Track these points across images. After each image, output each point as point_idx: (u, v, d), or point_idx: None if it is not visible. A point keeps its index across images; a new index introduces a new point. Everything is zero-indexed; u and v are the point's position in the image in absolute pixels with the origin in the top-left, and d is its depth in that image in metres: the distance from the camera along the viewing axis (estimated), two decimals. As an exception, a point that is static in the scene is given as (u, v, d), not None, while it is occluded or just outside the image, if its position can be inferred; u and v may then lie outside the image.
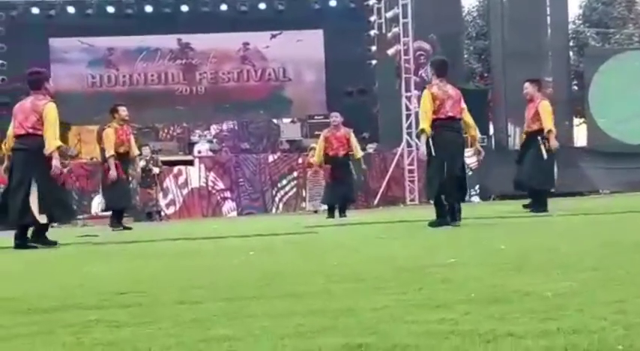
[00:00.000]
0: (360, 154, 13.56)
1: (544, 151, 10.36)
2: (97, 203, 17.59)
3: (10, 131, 8.13)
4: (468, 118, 8.58)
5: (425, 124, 8.19)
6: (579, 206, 12.10)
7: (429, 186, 8.42)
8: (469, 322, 2.42)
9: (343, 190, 13.17)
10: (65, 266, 5.60)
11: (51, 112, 7.93)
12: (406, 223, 9.54)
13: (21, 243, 7.75)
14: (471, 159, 20.20)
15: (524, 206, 10.72)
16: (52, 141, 7.81)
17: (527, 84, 10.92)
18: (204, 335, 2.38)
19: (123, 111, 11.98)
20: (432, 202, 8.46)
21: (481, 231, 7.57)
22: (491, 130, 23.13)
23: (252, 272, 4.16)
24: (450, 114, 8.19)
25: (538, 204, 10.42)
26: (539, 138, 10.41)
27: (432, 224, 8.01)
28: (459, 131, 8.44)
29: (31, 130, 7.85)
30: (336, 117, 13.70)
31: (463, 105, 8.49)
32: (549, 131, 10.36)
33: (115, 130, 11.81)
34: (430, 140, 8.13)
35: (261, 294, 3.25)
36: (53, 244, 7.92)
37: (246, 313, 2.75)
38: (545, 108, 10.53)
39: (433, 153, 8.11)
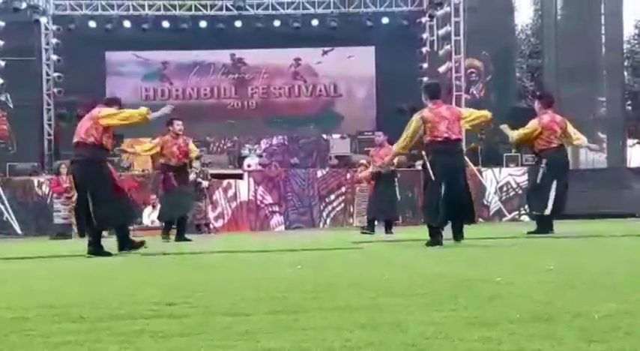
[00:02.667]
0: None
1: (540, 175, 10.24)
2: (147, 215, 17.84)
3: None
4: (473, 115, 8.55)
5: (398, 147, 8.56)
6: (631, 228, 11.89)
7: (427, 209, 8.30)
8: (513, 341, 2.41)
9: (385, 205, 13.21)
10: (116, 275, 5.70)
11: (109, 110, 8.17)
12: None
13: (94, 250, 7.94)
14: (521, 178, 20.15)
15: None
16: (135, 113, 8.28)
17: (535, 101, 11.05)
18: (253, 347, 2.41)
19: (177, 125, 12.16)
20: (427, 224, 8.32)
21: (523, 251, 7.50)
22: (543, 149, 22.90)
23: (301, 285, 4.19)
24: (446, 135, 8.08)
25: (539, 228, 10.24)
26: (543, 160, 10.26)
27: (427, 244, 8.01)
28: (457, 153, 8.30)
29: (83, 136, 8.02)
30: (379, 136, 13.83)
31: (465, 112, 8.50)
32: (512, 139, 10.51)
33: (165, 141, 12.02)
34: (428, 164, 8.12)
35: (310, 307, 3.27)
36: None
37: (295, 326, 2.77)
38: (529, 123, 10.40)
39: (432, 177, 8.07)
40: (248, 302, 3.49)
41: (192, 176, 16.99)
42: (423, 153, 8.41)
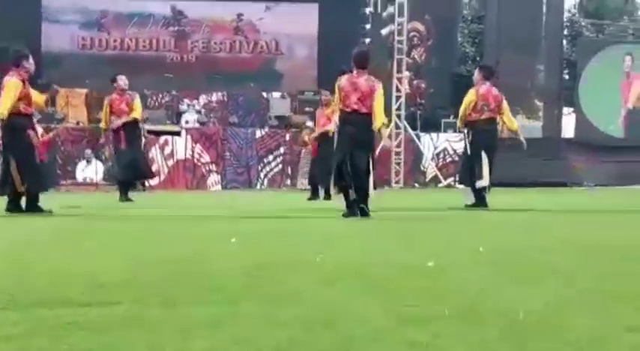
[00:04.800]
0: None
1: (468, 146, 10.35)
2: (81, 169, 17.55)
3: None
4: (375, 108, 8.10)
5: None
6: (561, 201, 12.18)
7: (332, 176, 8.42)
8: (440, 347, 2.43)
9: (327, 169, 13.13)
10: (46, 245, 5.60)
11: (9, 84, 8.20)
12: (390, 211, 9.56)
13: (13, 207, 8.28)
14: (458, 144, 20.37)
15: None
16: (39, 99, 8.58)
17: (475, 71, 10.94)
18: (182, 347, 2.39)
19: (121, 80, 11.92)
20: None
21: (455, 227, 7.61)
22: (481, 116, 23.14)
23: (237, 266, 4.16)
24: (355, 107, 8.03)
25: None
26: (465, 130, 10.40)
27: (344, 214, 8.12)
28: (362, 125, 8.11)
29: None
30: (325, 95, 13.40)
31: (378, 98, 8.13)
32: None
33: (112, 100, 11.82)
34: (335, 133, 8.25)
35: (246, 295, 3.26)
36: (48, 212, 8.26)
37: (229, 321, 2.75)
38: (466, 96, 10.42)
39: (335, 145, 8.25)
40: (184, 289, 3.45)
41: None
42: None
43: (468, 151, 10.33)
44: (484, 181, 10.16)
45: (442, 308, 2.96)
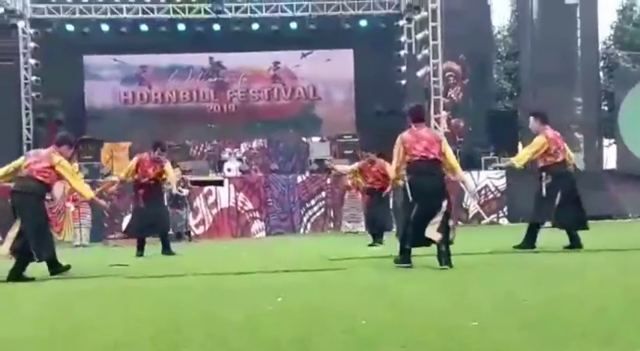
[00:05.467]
0: None
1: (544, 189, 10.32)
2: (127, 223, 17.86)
3: (3, 170, 8.89)
4: (450, 160, 8.40)
5: (392, 173, 8.82)
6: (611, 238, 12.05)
7: (402, 229, 8.48)
8: None
9: (379, 217, 13.36)
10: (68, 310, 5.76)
11: (66, 166, 8.75)
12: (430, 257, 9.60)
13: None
14: (499, 181, 20.37)
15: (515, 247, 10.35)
16: (85, 192, 9.03)
17: (530, 119, 10.72)
18: None
19: (161, 154, 12.17)
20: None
21: (501, 274, 7.62)
22: (520, 151, 23.11)
23: (283, 330, 4.27)
24: (423, 154, 8.19)
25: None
26: (543, 174, 10.36)
27: (395, 261, 8.28)
28: (432, 171, 8.26)
29: (34, 173, 8.54)
30: (371, 155, 13.68)
31: (447, 148, 8.37)
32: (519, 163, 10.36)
33: (142, 161, 12.08)
34: (407, 184, 8.28)
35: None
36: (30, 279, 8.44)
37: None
38: (535, 141, 10.30)
39: (409, 197, 8.24)
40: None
41: (170, 187, 17.10)
42: (403, 173, 8.58)
43: (544, 193, 10.28)
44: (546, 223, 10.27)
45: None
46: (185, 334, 4.40)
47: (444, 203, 8.26)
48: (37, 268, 8.65)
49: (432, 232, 8.10)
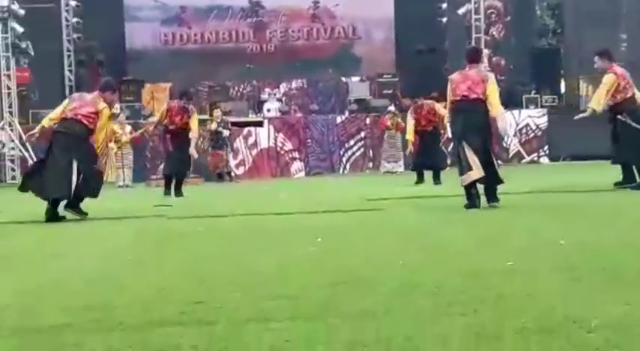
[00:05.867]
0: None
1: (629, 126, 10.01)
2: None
3: (56, 114, 8.92)
4: (491, 98, 8.29)
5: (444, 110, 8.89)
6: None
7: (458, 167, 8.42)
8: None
9: (431, 157, 13.46)
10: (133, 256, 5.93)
11: (106, 115, 8.90)
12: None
13: (53, 215, 8.52)
14: (541, 119, 20.18)
15: (615, 184, 10.14)
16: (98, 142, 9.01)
17: (596, 58, 10.37)
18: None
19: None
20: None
21: (540, 215, 7.64)
22: (563, 89, 22.83)
23: (320, 277, 4.37)
24: (465, 93, 8.23)
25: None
26: (619, 115, 10.05)
27: (465, 206, 8.15)
28: (472, 111, 8.25)
29: (80, 117, 8.68)
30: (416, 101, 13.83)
31: (491, 87, 8.29)
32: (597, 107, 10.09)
33: (171, 108, 12.37)
34: (448, 123, 8.57)
35: (330, 312, 3.45)
36: (84, 214, 8.71)
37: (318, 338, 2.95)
38: (605, 79, 10.01)
39: (450, 135, 8.38)
40: (272, 302, 3.67)
41: (213, 126, 17.28)
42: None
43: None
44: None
45: (518, 321, 3.10)
46: (213, 280, 4.53)
47: (483, 140, 8.28)
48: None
49: (475, 171, 8.13)
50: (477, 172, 8.06)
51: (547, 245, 5.30)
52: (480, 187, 8.32)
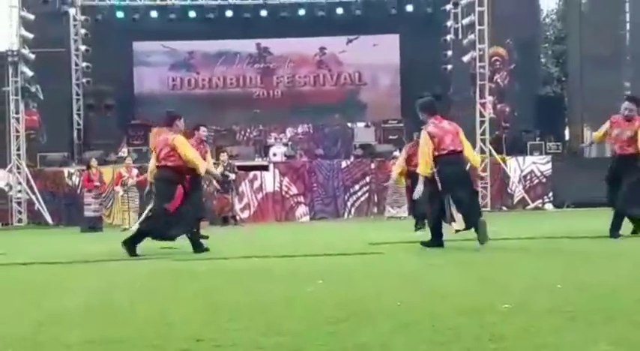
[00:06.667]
0: None
1: None
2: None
3: (152, 164, 9.69)
4: (467, 150, 8.88)
5: (422, 166, 8.83)
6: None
7: (430, 216, 9.08)
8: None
9: (423, 203, 13.44)
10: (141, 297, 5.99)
11: (181, 140, 9.29)
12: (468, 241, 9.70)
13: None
14: (545, 166, 20.27)
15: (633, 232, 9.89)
16: (199, 163, 9.52)
17: (627, 103, 9.70)
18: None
19: (203, 131, 12.47)
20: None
21: (540, 259, 7.68)
22: (567, 136, 22.97)
23: (320, 313, 4.44)
24: (451, 148, 8.61)
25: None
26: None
27: (425, 243, 8.85)
28: (459, 163, 8.80)
29: (162, 162, 9.18)
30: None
31: (462, 137, 8.82)
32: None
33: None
34: (436, 174, 8.69)
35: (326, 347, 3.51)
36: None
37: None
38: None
39: (439, 187, 8.65)
40: (277, 338, 3.73)
41: (219, 169, 17.39)
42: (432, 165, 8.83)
43: None
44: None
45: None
46: (212, 316, 4.59)
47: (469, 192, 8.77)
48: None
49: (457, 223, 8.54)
50: (459, 224, 8.57)
51: (545, 288, 5.35)
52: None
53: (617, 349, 3.30)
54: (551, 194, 20.34)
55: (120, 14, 23.04)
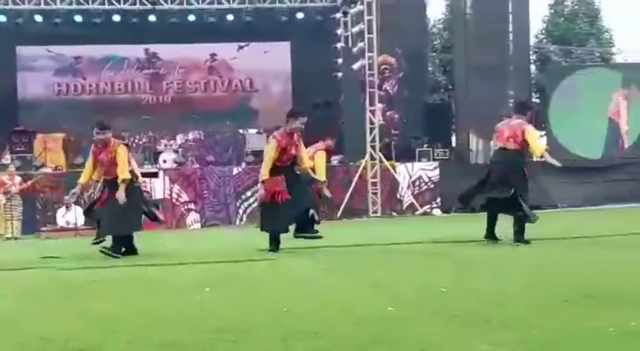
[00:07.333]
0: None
1: None
2: (62, 215, 17.68)
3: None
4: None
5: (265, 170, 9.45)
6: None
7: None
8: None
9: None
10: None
11: (120, 152, 9.88)
12: (361, 247, 9.83)
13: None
14: (433, 172, 20.72)
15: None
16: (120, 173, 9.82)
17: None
18: None
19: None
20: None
21: (419, 263, 7.84)
22: (454, 143, 23.53)
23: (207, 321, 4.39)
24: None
25: None
26: None
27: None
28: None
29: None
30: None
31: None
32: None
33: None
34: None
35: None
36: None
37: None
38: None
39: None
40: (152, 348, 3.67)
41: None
42: None
43: None
44: None
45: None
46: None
47: None
48: None
49: None
50: None
51: (433, 292, 5.45)
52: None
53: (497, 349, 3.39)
54: (439, 199, 20.78)
55: (2, 18, 22.22)
